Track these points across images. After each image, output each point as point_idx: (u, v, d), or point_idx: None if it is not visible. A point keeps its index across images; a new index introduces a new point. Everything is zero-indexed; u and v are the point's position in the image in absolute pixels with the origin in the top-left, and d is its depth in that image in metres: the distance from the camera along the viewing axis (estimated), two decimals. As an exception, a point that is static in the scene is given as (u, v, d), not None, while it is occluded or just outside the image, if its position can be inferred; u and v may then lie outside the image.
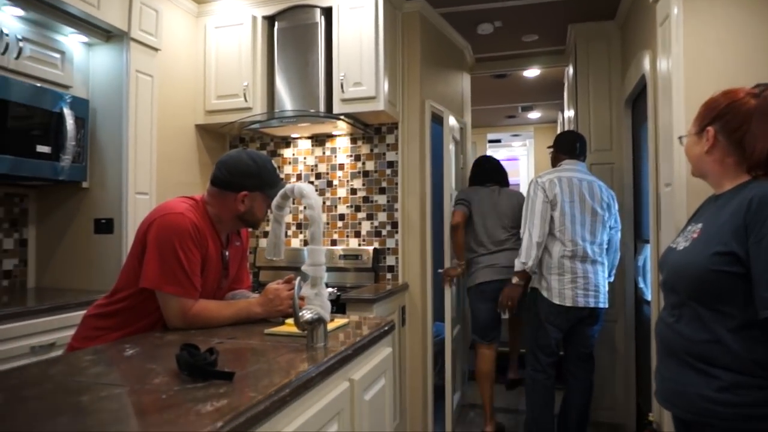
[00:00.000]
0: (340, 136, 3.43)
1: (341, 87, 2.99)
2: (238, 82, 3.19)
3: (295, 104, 3.13)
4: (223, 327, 1.60)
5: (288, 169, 3.54)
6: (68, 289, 2.67)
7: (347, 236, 3.39)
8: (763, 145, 1.30)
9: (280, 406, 1.02)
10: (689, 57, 2.00)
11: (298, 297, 1.35)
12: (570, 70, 4.18)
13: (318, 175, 3.48)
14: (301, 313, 1.34)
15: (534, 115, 7.69)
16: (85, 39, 2.68)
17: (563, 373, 3.01)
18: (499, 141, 8.94)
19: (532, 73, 5.11)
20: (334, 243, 3.41)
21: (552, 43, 4.23)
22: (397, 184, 3.30)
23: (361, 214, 3.37)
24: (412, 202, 3.28)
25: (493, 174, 3.54)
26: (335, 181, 3.44)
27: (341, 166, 3.44)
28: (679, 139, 1.59)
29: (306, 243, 3.34)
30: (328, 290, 2.57)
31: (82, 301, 2.22)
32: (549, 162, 3.21)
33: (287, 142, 3.55)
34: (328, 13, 3.10)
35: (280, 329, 1.53)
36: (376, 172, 3.36)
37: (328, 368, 1.24)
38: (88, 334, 1.60)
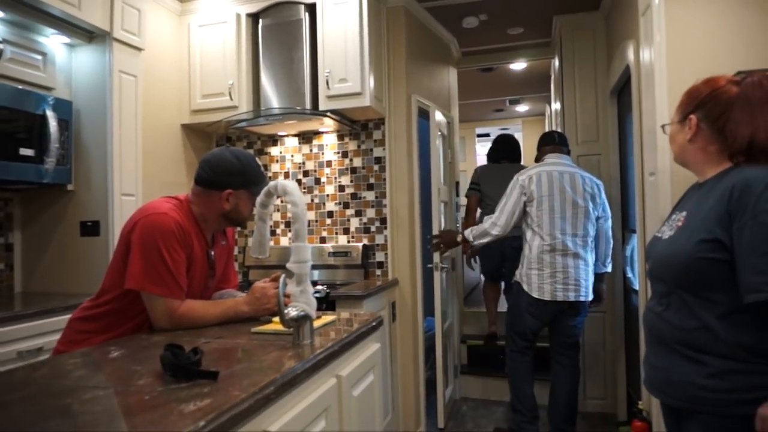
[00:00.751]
0: (327, 133, 3.42)
1: (327, 83, 2.98)
2: (224, 80, 3.17)
3: (281, 102, 3.12)
4: (211, 327, 1.60)
5: (275, 167, 3.53)
6: (56, 293, 2.65)
7: (336, 233, 3.39)
8: (745, 132, 1.30)
9: (264, 404, 1.02)
10: (671, 46, 2.01)
11: (283, 294, 1.35)
12: (556, 62, 4.19)
13: (306, 173, 3.47)
14: (286, 311, 1.34)
15: (522, 108, 7.72)
16: (67, 40, 2.65)
17: (549, 362, 3.06)
18: (488, 135, 8.97)
19: (518, 66, 5.12)
20: (323, 240, 3.41)
21: (537, 36, 4.24)
22: (385, 179, 3.30)
23: (350, 211, 3.37)
24: (400, 197, 3.28)
25: (504, 152, 4.13)
26: (323, 179, 3.44)
27: (329, 163, 3.43)
28: (662, 127, 1.60)
29: (295, 241, 3.33)
30: (318, 287, 2.59)
31: (70, 305, 2.20)
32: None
33: (274, 140, 3.54)
34: (312, 9, 3.08)
35: (267, 328, 1.53)
36: (363, 168, 3.36)
37: (314, 365, 1.24)
38: (73, 338, 1.59)
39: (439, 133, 3.58)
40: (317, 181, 3.45)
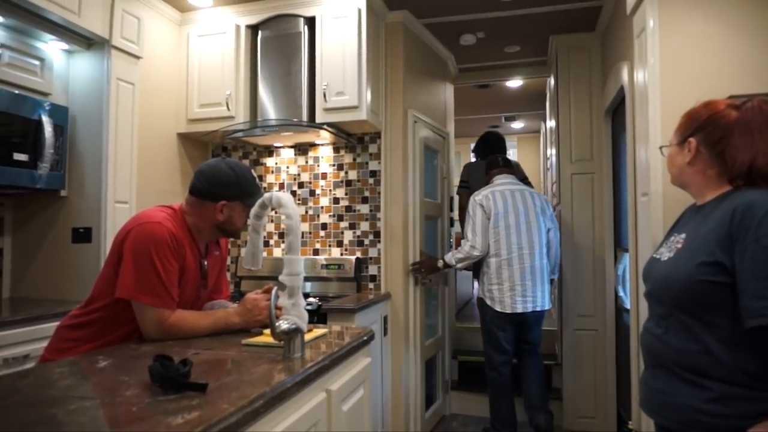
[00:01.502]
0: (322, 145, 3.43)
1: (324, 96, 2.99)
2: (221, 90, 3.18)
3: (278, 113, 3.13)
4: (201, 338, 1.59)
5: (270, 179, 3.53)
6: (45, 300, 2.62)
7: (329, 245, 3.39)
8: (744, 157, 1.30)
9: (253, 417, 1.01)
10: (665, 68, 2.03)
11: (275, 306, 1.34)
12: (551, 81, 4.23)
13: (301, 185, 3.47)
14: (277, 324, 1.33)
15: (517, 125, 7.76)
16: (65, 46, 2.66)
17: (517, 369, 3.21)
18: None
19: (514, 83, 5.16)
20: (316, 252, 3.40)
21: (534, 54, 4.28)
22: (379, 193, 3.31)
23: (344, 224, 3.37)
24: (394, 211, 3.28)
25: (491, 148, 4.06)
26: (318, 191, 3.44)
27: (324, 176, 3.44)
28: (660, 149, 1.60)
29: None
30: (310, 300, 2.57)
31: (58, 312, 2.18)
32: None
33: (270, 151, 3.54)
34: (311, 22, 3.11)
35: (258, 340, 1.52)
36: (358, 181, 3.36)
37: (304, 379, 1.24)
38: (60, 346, 1.57)
39: (427, 147, 3.59)
40: (312, 193, 3.45)
